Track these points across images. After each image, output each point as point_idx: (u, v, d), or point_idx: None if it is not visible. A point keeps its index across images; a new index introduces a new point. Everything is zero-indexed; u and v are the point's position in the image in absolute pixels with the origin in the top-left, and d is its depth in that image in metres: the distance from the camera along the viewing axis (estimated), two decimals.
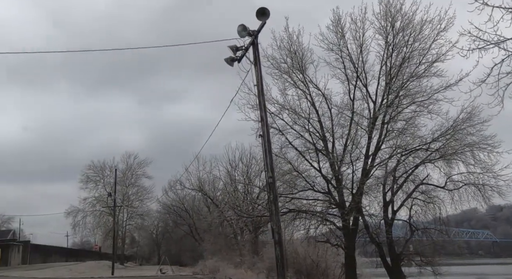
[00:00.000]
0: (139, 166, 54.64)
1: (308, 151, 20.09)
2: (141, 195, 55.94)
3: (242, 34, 9.84)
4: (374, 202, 19.76)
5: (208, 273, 26.08)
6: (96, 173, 52.51)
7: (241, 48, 10.20)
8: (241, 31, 9.81)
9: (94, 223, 54.00)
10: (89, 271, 32.56)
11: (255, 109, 20.53)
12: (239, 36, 9.89)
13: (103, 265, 39.00)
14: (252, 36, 9.91)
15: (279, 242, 9.27)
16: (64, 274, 28.16)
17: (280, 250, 9.17)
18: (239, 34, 9.85)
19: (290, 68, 20.32)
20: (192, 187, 47.53)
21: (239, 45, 10.17)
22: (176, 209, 57.76)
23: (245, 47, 10.13)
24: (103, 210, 52.39)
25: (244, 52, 10.14)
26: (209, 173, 46.78)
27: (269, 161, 9.59)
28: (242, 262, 29.74)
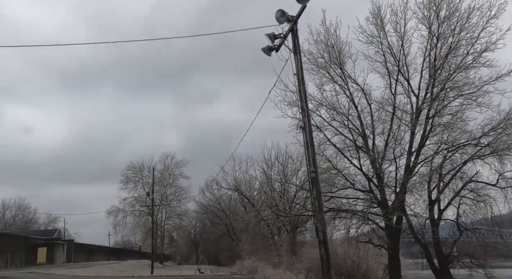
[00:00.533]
0: (176, 167, 55.28)
1: (348, 148, 19.29)
2: (178, 195, 56.45)
3: (280, 20, 9.28)
4: (419, 201, 18.69)
5: (246, 274, 25.67)
6: (135, 174, 53.43)
7: (280, 36, 9.64)
8: (279, 17, 9.25)
9: (134, 223, 54.94)
10: (129, 270, 32.84)
11: (292, 106, 20.01)
12: (277, 23, 9.33)
13: (143, 264, 39.36)
14: (291, 22, 9.33)
15: (324, 241, 8.66)
16: (106, 273, 28.45)
17: (325, 250, 8.56)
18: (277, 20, 9.29)
19: (328, 62, 19.60)
20: (228, 186, 47.46)
21: (277, 33, 9.60)
22: (213, 209, 57.89)
23: (283, 34, 9.57)
24: (142, 210, 53.14)
25: (283, 40, 9.58)
26: (245, 172, 46.56)
27: (311, 154, 8.98)
28: (280, 262, 29.15)
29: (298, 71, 9.42)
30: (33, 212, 75.33)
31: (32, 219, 76.26)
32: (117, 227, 53.50)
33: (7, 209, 72.08)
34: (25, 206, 73.56)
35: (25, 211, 74.30)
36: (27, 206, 73.72)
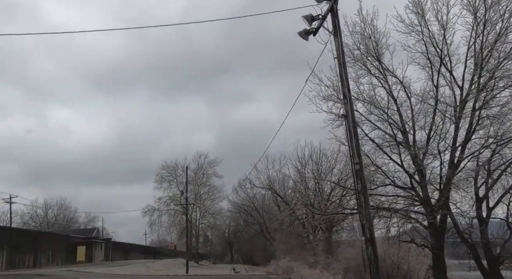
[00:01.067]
0: (210, 166, 55.27)
1: (388, 143, 18.34)
2: (212, 195, 56.41)
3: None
4: (465, 198, 17.51)
5: (281, 273, 25.02)
6: (169, 173, 53.76)
7: (318, 17, 8.95)
8: None
9: (169, 222, 55.34)
10: (165, 268, 32.84)
11: (327, 100, 19.29)
12: (315, 2, 8.65)
13: (178, 263, 39.39)
14: (330, 1, 8.63)
15: (371, 239, 7.93)
16: (142, 271, 28.47)
17: (372, 249, 7.83)
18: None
19: (364, 54, 18.73)
20: (261, 185, 46.98)
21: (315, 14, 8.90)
22: (246, 208, 57.59)
23: (322, 15, 8.87)
24: (177, 209, 53.39)
25: (322, 21, 8.89)
26: (279, 171, 45.92)
27: (355, 144, 8.27)
28: (316, 262, 28.33)
29: (339, 54, 8.72)
30: (73, 212, 77.31)
31: (73, 218, 78.15)
32: (153, 226, 54.04)
33: (49, 208, 74.22)
34: (66, 206, 75.60)
35: (66, 211, 76.30)
36: (67, 206, 75.72)
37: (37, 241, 33.17)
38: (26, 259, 31.15)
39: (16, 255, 29.75)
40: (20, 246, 30.48)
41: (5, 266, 27.99)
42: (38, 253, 32.75)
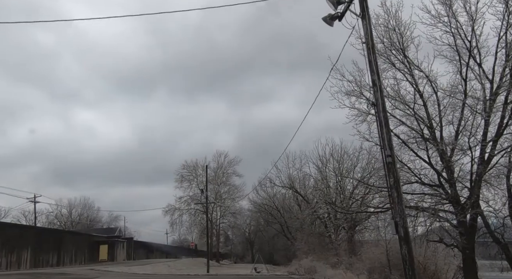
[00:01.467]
0: (230, 165, 55.00)
1: (415, 139, 17.63)
2: (232, 194, 56.09)
3: None
4: (497, 196, 16.66)
5: (304, 274, 24.45)
6: (189, 173, 53.71)
7: (344, 0, 8.42)
8: None
9: (190, 221, 55.33)
10: (186, 268, 32.65)
11: (349, 95, 18.74)
12: None
13: (199, 262, 39.21)
14: None
15: (406, 238, 7.37)
16: (163, 271, 28.33)
17: (407, 249, 7.27)
18: None
19: (388, 48, 18.06)
20: (282, 184, 46.45)
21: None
22: (267, 208, 57.14)
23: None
24: (198, 209, 53.33)
25: (348, 4, 8.36)
26: (299, 170, 45.34)
27: (386, 135, 7.71)
28: (339, 262, 27.64)
29: (367, 38, 8.21)
30: (96, 211, 77.99)
31: (96, 217, 78.88)
32: (174, 225, 54.07)
33: (73, 208, 75.21)
34: (89, 205, 76.20)
35: (89, 210, 76.61)
36: (91, 205, 76.39)
37: (60, 240, 33.43)
38: (50, 258, 31.40)
39: (40, 254, 30.00)
40: (44, 245, 30.73)
41: (29, 265, 28.23)
42: (61, 252, 33.00)
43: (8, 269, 25.88)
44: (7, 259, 25.97)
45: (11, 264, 26.33)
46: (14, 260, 26.76)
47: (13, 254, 26.62)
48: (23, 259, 27.71)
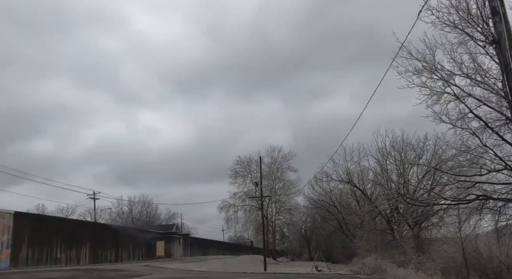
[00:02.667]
0: (284, 160, 53.15)
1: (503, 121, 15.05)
2: (287, 190, 54.27)
3: None
4: None
5: (370, 273, 22.32)
6: (243, 168, 52.61)
7: None
8: None
9: (245, 218, 54.26)
10: (242, 265, 31.45)
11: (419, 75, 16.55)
12: None
13: (255, 259, 37.94)
14: None
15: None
16: (218, 268, 27.28)
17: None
18: None
19: (465, 18, 15.56)
20: (340, 178, 44.06)
21: None
22: (323, 204, 55.01)
23: None
24: (253, 205, 52.19)
25: None
26: (357, 163, 42.79)
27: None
28: (406, 261, 25.18)
29: None
30: (155, 209, 79.48)
31: (155, 215, 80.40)
32: (229, 222, 53.21)
33: (133, 205, 77.14)
34: (148, 203, 77.74)
35: (149, 208, 78.21)
36: (150, 203, 78.01)
37: (118, 236, 33.42)
38: (109, 254, 31.37)
39: (99, 250, 29.98)
40: (102, 241, 30.72)
41: (88, 261, 28.20)
42: (119, 248, 32.95)
43: (68, 264, 25.89)
44: (66, 255, 26.00)
45: (70, 259, 26.36)
46: (74, 256, 26.78)
47: (72, 250, 26.63)
48: (82, 255, 27.72)
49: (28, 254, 22.61)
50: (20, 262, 21.92)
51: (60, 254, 25.46)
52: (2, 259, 20.75)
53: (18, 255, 21.86)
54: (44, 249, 23.96)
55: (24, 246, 22.31)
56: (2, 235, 20.85)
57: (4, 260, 20.92)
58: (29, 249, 22.68)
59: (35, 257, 23.07)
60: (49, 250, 24.40)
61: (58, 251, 25.25)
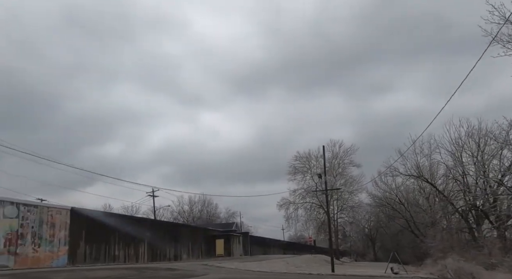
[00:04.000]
0: (346, 154, 50.01)
1: None
2: (349, 186, 51.15)
3: None
4: None
5: (454, 277, 19.33)
6: (302, 164, 50.21)
7: None
8: None
9: (305, 216, 51.84)
10: (305, 265, 29.27)
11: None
12: None
13: (319, 259, 35.58)
14: None
15: None
16: (280, 268, 25.35)
17: None
18: None
19: None
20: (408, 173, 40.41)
21: None
22: (388, 201, 51.42)
23: None
24: (314, 202, 49.76)
25: None
26: (428, 156, 39.05)
27: None
28: (496, 264, 21.77)
29: None
30: (215, 208, 79.49)
31: (214, 214, 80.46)
32: (289, 220, 51.04)
33: (193, 204, 77.64)
34: (208, 202, 77.84)
35: (209, 207, 78.55)
36: (209, 202, 78.10)
37: (177, 233, 32.54)
38: (167, 252, 30.50)
39: (157, 248, 29.16)
40: (161, 238, 29.89)
41: (147, 259, 27.39)
42: (178, 246, 32.03)
43: (126, 262, 25.14)
44: (124, 252, 25.27)
45: (129, 257, 25.60)
46: (132, 254, 26.01)
47: (130, 247, 25.88)
48: (140, 253, 26.93)
49: (86, 251, 21.97)
50: (78, 259, 21.30)
51: (118, 251, 24.73)
52: (60, 256, 20.18)
53: (76, 252, 21.25)
54: (101, 247, 23.29)
55: (81, 243, 21.68)
56: (59, 231, 20.30)
57: (62, 257, 20.34)
58: (86, 246, 22.03)
59: (92, 255, 22.42)
60: (107, 248, 23.71)
61: (116, 249, 24.53)
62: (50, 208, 20.05)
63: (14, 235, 17.80)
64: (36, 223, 18.96)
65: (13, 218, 17.82)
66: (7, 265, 17.23)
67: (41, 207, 19.49)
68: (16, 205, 18.07)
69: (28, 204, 18.81)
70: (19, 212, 18.14)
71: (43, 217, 19.40)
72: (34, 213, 18.93)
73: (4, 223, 17.38)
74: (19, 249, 17.97)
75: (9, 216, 17.62)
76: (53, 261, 19.71)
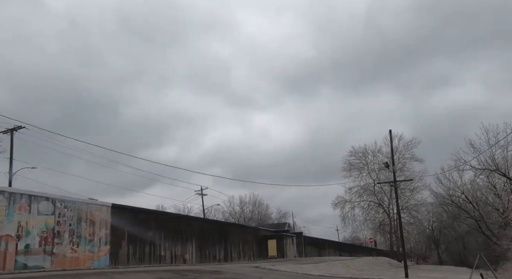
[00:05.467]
0: (406, 148, 45.45)
1: None
2: (411, 184, 46.77)
3: None
4: None
5: None
6: (358, 160, 46.45)
7: None
8: None
9: (363, 215, 48.04)
10: (368, 268, 26.09)
11: None
12: None
13: (380, 262, 32.09)
14: None
15: None
16: (340, 272, 22.44)
17: None
18: None
19: None
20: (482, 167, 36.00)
21: None
22: (453, 200, 46.71)
23: None
24: (371, 201, 46.03)
25: None
26: (504, 148, 34.52)
27: None
28: None
29: None
30: (266, 208, 77.50)
31: (266, 214, 78.51)
32: (345, 220, 47.45)
33: (244, 205, 76.09)
34: (259, 203, 75.93)
35: (260, 208, 76.70)
36: (260, 203, 76.19)
37: (226, 233, 30.34)
38: (217, 253, 28.38)
39: (206, 248, 27.13)
40: (210, 238, 27.85)
41: (195, 260, 25.37)
42: (228, 246, 29.84)
43: (173, 263, 23.23)
44: (171, 253, 23.35)
45: (175, 258, 23.67)
46: (179, 254, 24.06)
47: (177, 248, 23.94)
48: (188, 253, 24.95)
49: (129, 251, 20.17)
50: (121, 260, 19.54)
51: (164, 252, 22.82)
52: (101, 256, 18.48)
53: (118, 252, 19.49)
54: (146, 246, 21.43)
55: (123, 243, 19.90)
56: (99, 230, 18.59)
57: (104, 257, 18.62)
58: (129, 246, 20.23)
59: (136, 255, 20.61)
60: (151, 248, 21.85)
61: (162, 249, 22.63)
62: (89, 204, 18.36)
63: (50, 234, 16.19)
64: (74, 220, 17.31)
65: (48, 215, 16.24)
66: (43, 266, 15.63)
67: (79, 203, 17.81)
68: (51, 201, 16.48)
69: (65, 199, 17.17)
70: (55, 208, 16.54)
71: (82, 214, 17.74)
72: (72, 209, 17.29)
73: (39, 221, 15.81)
74: (56, 249, 16.34)
75: (44, 213, 16.05)
76: (93, 262, 18.01)
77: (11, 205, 14.80)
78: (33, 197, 15.77)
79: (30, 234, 15.39)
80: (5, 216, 14.53)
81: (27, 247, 15.21)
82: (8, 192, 14.99)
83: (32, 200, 15.67)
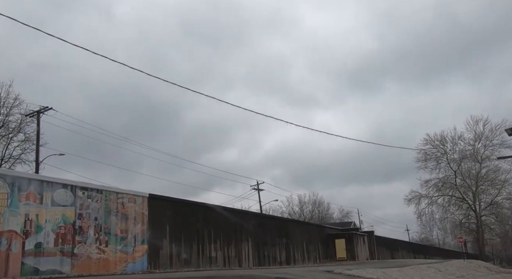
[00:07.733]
0: (493, 134, 38.28)
1: None
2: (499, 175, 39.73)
3: None
4: None
5: None
6: (435, 148, 40.05)
7: None
8: None
9: (441, 212, 41.60)
10: (466, 274, 20.67)
11: None
12: None
13: (476, 266, 26.21)
14: None
15: None
16: (434, 277, 17.40)
17: None
18: None
19: None
20: None
21: None
22: None
23: None
24: (453, 195, 39.63)
25: None
26: None
27: None
28: None
29: None
30: (326, 208, 73.75)
31: (326, 214, 74.84)
32: (422, 217, 41.26)
33: (303, 204, 73.00)
34: (319, 202, 72.26)
35: (320, 207, 72.97)
36: (320, 202, 72.41)
37: (287, 232, 26.04)
38: (278, 254, 24.19)
39: (265, 248, 23.02)
40: (270, 237, 23.72)
41: (251, 263, 21.33)
42: (290, 246, 25.55)
43: (227, 266, 19.34)
44: (223, 254, 19.47)
45: (229, 260, 19.75)
46: (233, 255, 20.13)
47: (230, 248, 20.04)
48: (243, 254, 20.96)
49: (172, 252, 16.49)
50: (162, 262, 15.88)
51: (215, 252, 18.96)
52: (136, 258, 14.90)
53: (158, 253, 15.86)
54: (193, 246, 17.69)
55: (165, 241, 16.26)
56: (134, 225, 15.05)
57: (140, 259, 15.03)
58: (172, 245, 16.56)
59: (181, 256, 16.89)
60: (200, 247, 18.10)
61: (213, 249, 18.79)
62: (119, 193, 14.81)
63: (69, 229, 12.82)
64: (100, 213, 13.86)
65: (66, 206, 12.89)
66: (61, 270, 12.25)
67: (107, 192, 14.32)
68: (70, 188, 13.12)
69: (88, 187, 13.75)
70: (75, 198, 13.15)
71: (111, 206, 14.28)
72: (98, 199, 13.86)
73: (53, 213, 12.46)
74: (78, 249, 12.93)
75: (61, 204, 12.72)
76: (127, 265, 14.47)
77: (15, 193, 11.54)
78: (46, 184, 12.43)
79: (43, 230, 12.04)
80: (6, 206, 11.25)
81: (39, 246, 11.87)
82: (11, 176, 11.71)
83: (45, 187, 12.34)
